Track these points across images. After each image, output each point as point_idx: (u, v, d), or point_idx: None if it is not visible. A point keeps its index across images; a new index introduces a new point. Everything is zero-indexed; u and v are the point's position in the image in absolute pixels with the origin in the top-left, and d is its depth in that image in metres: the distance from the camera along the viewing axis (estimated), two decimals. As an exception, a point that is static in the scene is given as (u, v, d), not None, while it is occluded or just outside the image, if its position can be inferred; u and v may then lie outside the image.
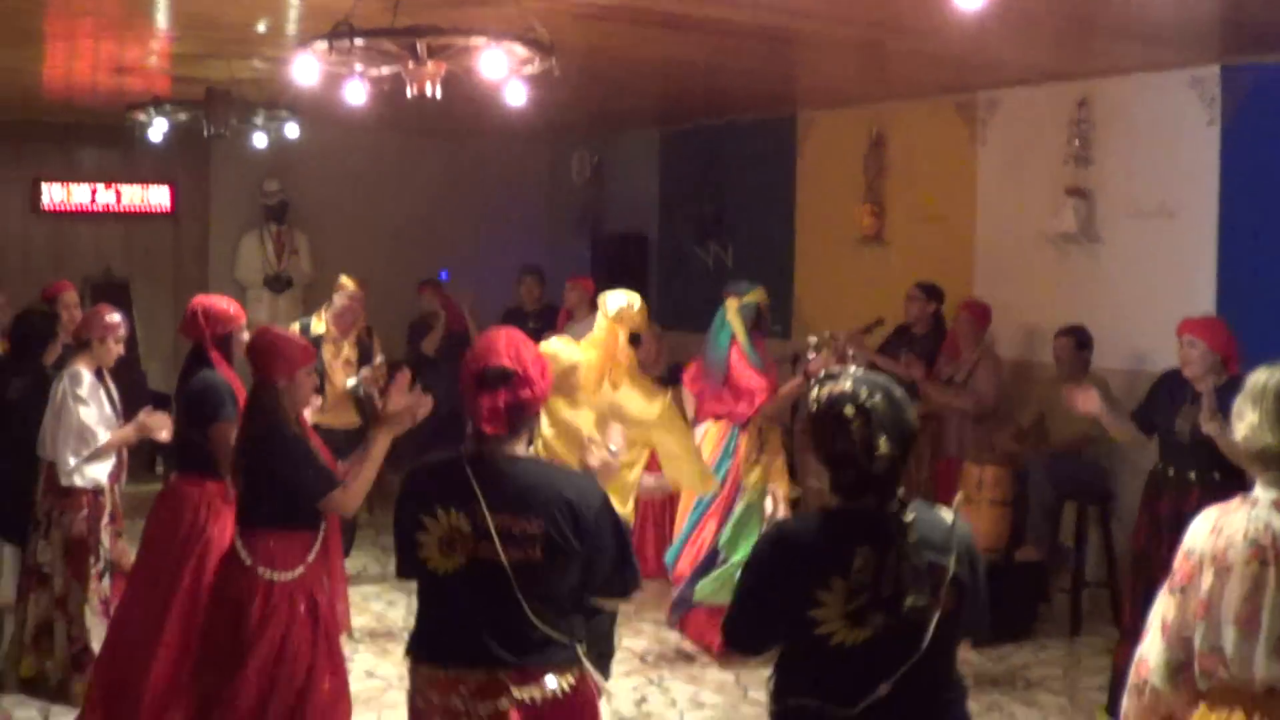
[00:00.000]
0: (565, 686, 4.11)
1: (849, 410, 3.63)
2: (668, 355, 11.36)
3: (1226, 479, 7.34)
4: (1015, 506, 9.29)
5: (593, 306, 11.89)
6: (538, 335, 12.45)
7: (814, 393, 3.74)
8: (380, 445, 5.40)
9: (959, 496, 3.84)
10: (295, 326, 10.10)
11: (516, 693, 4.04)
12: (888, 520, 3.61)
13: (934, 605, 3.58)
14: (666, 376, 10.97)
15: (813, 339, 8.78)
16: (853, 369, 3.82)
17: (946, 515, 3.74)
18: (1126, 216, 9.87)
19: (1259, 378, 3.82)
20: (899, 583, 3.55)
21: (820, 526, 3.74)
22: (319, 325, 10.20)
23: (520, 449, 4.20)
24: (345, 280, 10.45)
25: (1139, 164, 9.80)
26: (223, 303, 6.95)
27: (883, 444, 3.60)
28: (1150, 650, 3.86)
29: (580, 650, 4.17)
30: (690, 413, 8.69)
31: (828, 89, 11.73)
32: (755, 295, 8.83)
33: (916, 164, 11.67)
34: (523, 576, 4.04)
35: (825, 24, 8.45)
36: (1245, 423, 3.77)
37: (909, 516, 3.62)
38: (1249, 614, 3.61)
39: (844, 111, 12.34)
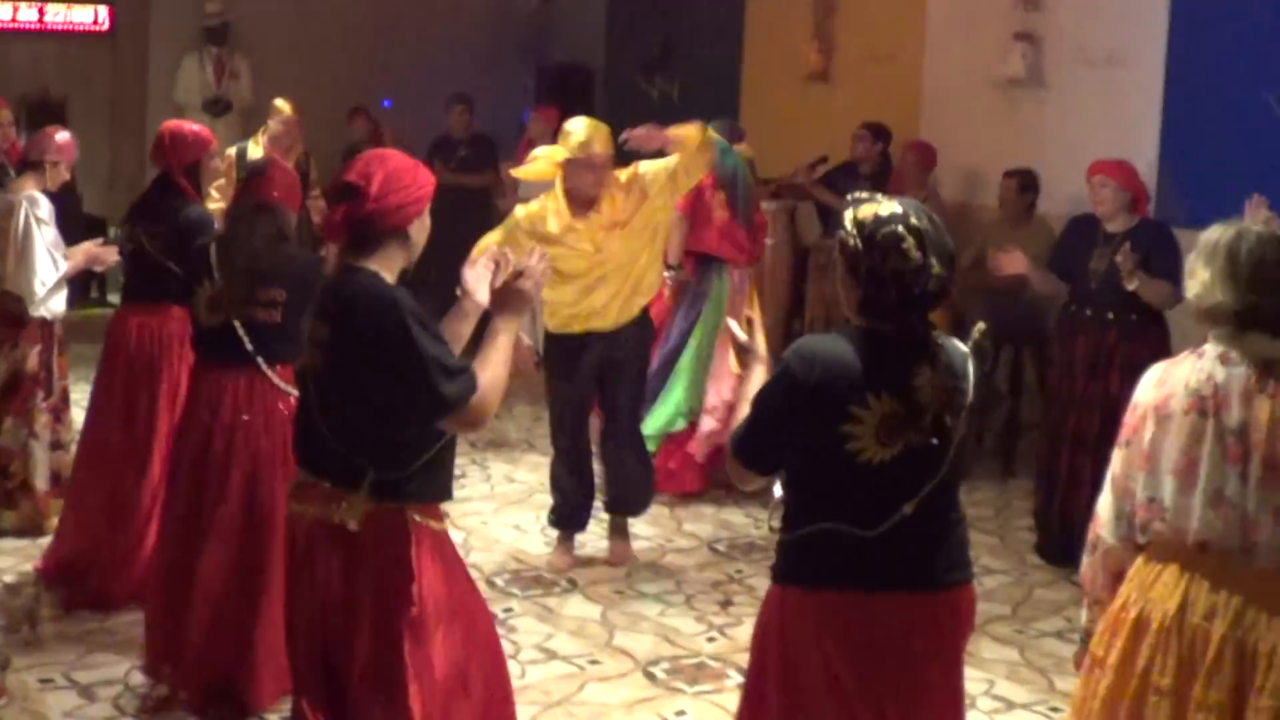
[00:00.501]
0: (350, 520, 3.97)
1: (901, 229, 3.62)
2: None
3: (1144, 319, 7.49)
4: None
5: (555, 137, 11.89)
6: (468, 164, 12.52)
7: (851, 214, 3.70)
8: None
9: (980, 325, 3.84)
10: (231, 151, 9.98)
11: (314, 509, 4.04)
12: (931, 341, 3.67)
13: (957, 429, 3.66)
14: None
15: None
16: (881, 196, 3.78)
17: (961, 345, 3.79)
18: (1075, 63, 9.87)
19: (1211, 235, 3.83)
20: (937, 401, 3.61)
21: (861, 344, 3.68)
22: (255, 150, 10.06)
23: (377, 264, 4.05)
24: (280, 104, 10.32)
25: (1088, 9, 9.79)
26: (190, 127, 6.85)
27: (935, 264, 3.61)
28: (1102, 506, 3.91)
29: (369, 480, 3.96)
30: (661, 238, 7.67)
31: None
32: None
33: (866, 3, 11.57)
34: (319, 384, 4.06)
35: None
36: (1197, 280, 3.79)
37: (941, 341, 3.69)
38: (1186, 465, 3.65)
39: (795, -56, 12.20)
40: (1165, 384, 3.76)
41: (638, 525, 7.95)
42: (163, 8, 14.51)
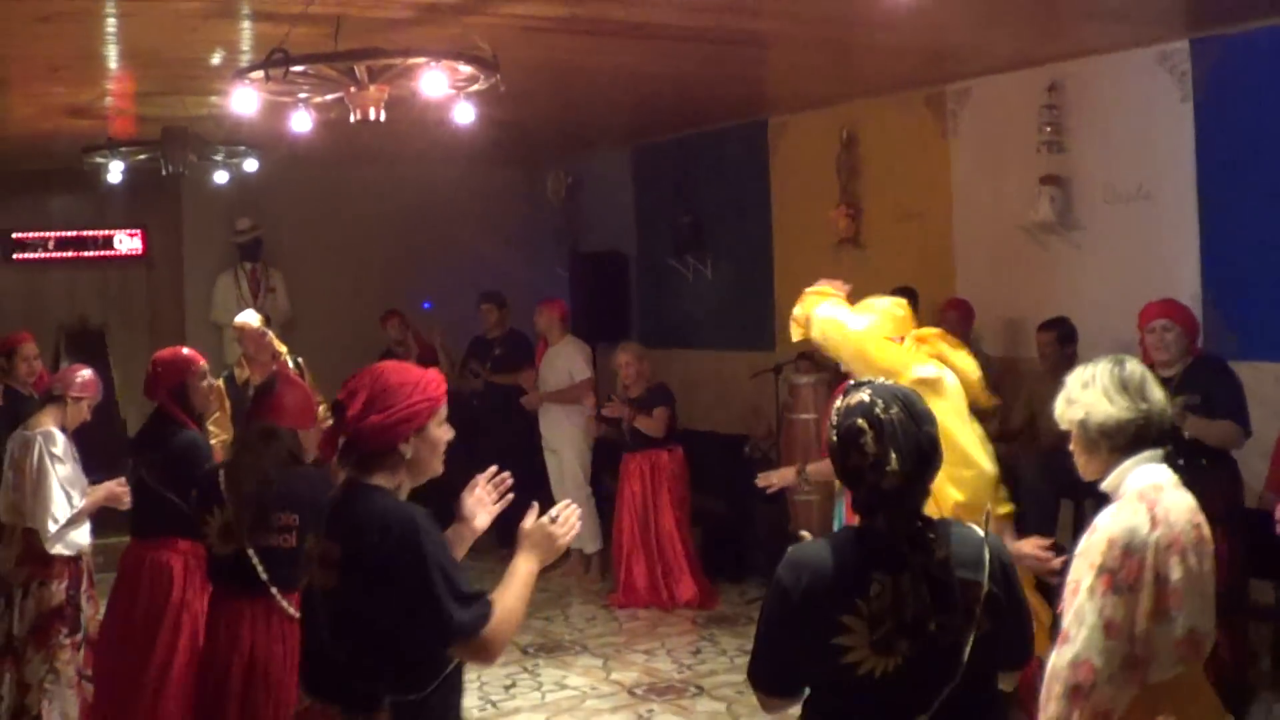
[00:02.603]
0: None
1: (861, 423, 3.46)
2: (650, 374, 11.08)
3: (1214, 462, 7.21)
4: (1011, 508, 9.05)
5: (565, 327, 11.86)
6: (503, 362, 12.42)
7: (838, 403, 3.59)
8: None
9: (988, 510, 3.67)
10: (219, 382, 9.79)
11: None
12: (903, 541, 3.41)
13: (968, 626, 3.37)
14: (646, 398, 10.77)
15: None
16: (880, 381, 3.64)
17: (977, 530, 3.56)
18: (1104, 202, 9.67)
19: (1087, 371, 4.03)
20: (920, 605, 3.34)
21: (838, 548, 3.52)
22: (243, 373, 9.80)
23: (383, 480, 3.94)
24: (239, 320, 9.98)
25: (1114, 147, 9.60)
26: (178, 351, 6.81)
27: (894, 460, 3.41)
28: (1091, 651, 3.71)
29: (386, 703, 3.80)
30: None
31: (796, 91, 11.56)
32: None
33: (889, 162, 11.48)
34: (328, 604, 3.85)
35: (785, 22, 8.33)
36: (1099, 409, 3.92)
37: (934, 534, 3.44)
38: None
39: (814, 113, 12.15)
40: (1165, 522, 3.74)
41: None
42: (195, 228, 14.64)
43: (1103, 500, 9.19)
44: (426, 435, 3.98)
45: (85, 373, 7.36)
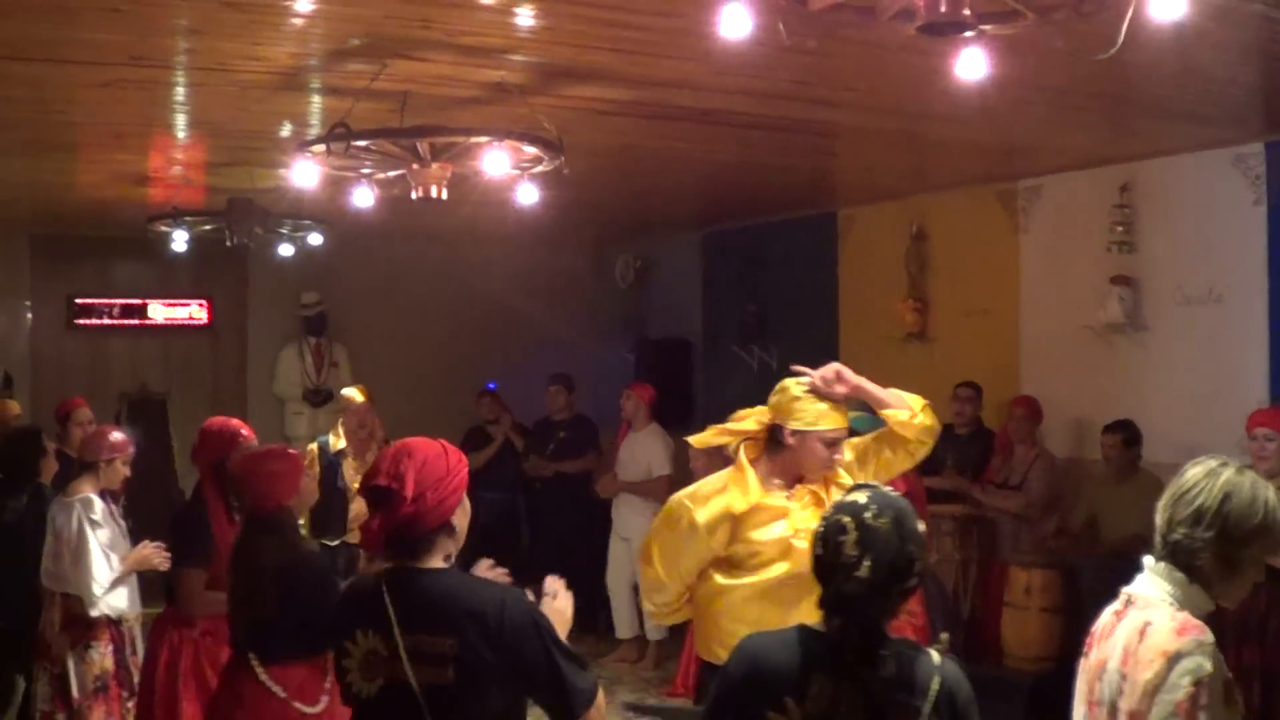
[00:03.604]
0: None
1: (848, 521, 3.42)
2: (720, 464, 10.93)
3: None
4: (1068, 612, 8.87)
5: (651, 414, 11.74)
6: (568, 446, 12.34)
7: (837, 496, 3.66)
8: None
9: (944, 637, 3.54)
10: (313, 446, 9.85)
11: None
12: (852, 650, 3.37)
13: None
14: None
15: None
16: (885, 488, 3.58)
17: (935, 657, 3.46)
18: (1174, 303, 9.54)
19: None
20: (852, 718, 3.30)
21: (788, 645, 3.48)
22: (338, 442, 9.91)
23: (437, 561, 3.87)
24: (347, 393, 10.15)
25: (1185, 248, 9.49)
26: (219, 423, 6.75)
27: (865, 567, 3.36)
28: None
29: None
30: None
31: (867, 183, 11.51)
32: None
33: (958, 257, 11.39)
34: (435, 700, 3.70)
35: (857, 114, 8.25)
36: None
37: (885, 650, 3.37)
38: None
39: (884, 206, 12.09)
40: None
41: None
42: (260, 300, 14.67)
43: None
44: (465, 505, 3.95)
45: (115, 435, 7.46)
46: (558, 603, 4.07)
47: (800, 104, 7.89)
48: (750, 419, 5.52)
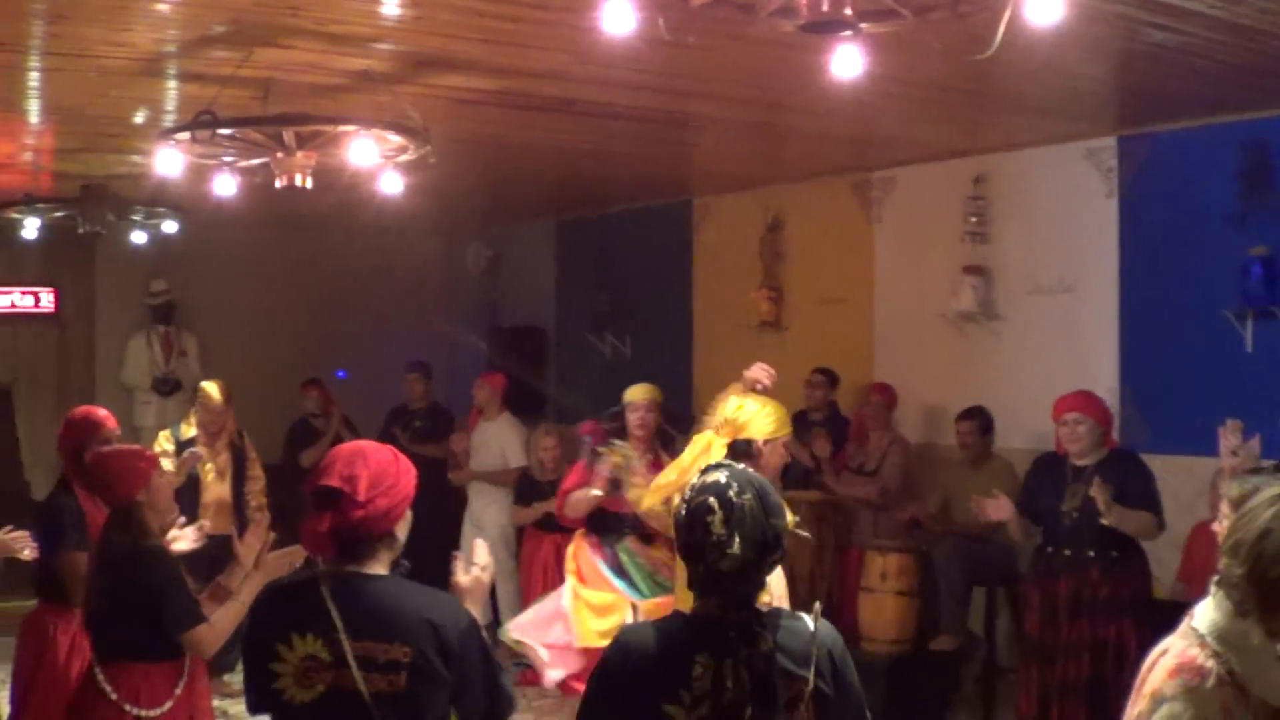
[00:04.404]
0: None
1: (713, 502, 3.43)
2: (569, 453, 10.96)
3: (1125, 554, 7.23)
4: (923, 595, 9.04)
5: (504, 404, 11.71)
6: (425, 434, 12.25)
7: (694, 479, 3.57)
8: (251, 591, 5.07)
9: (817, 605, 3.58)
10: (165, 434, 9.73)
11: None
12: (731, 626, 3.39)
13: None
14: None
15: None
16: (740, 466, 3.62)
17: (808, 623, 3.51)
18: (1026, 293, 9.76)
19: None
20: (739, 693, 3.31)
21: (667, 634, 3.48)
22: (189, 430, 9.78)
23: (380, 568, 3.81)
24: (205, 389, 9.97)
25: (1038, 239, 9.69)
26: (82, 413, 6.63)
27: (737, 544, 3.38)
28: None
29: None
30: None
31: (722, 173, 11.59)
32: None
33: (813, 246, 11.52)
34: (384, 707, 3.64)
35: (713, 105, 8.33)
36: None
37: (761, 625, 3.41)
38: None
39: (739, 195, 12.18)
40: None
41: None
42: (109, 289, 14.39)
43: (1016, 588, 9.12)
44: (407, 517, 3.91)
45: None
46: (485, 575, 4.05)
47: (663, 95, 7.95)
48: (690, 465, 5.79)
